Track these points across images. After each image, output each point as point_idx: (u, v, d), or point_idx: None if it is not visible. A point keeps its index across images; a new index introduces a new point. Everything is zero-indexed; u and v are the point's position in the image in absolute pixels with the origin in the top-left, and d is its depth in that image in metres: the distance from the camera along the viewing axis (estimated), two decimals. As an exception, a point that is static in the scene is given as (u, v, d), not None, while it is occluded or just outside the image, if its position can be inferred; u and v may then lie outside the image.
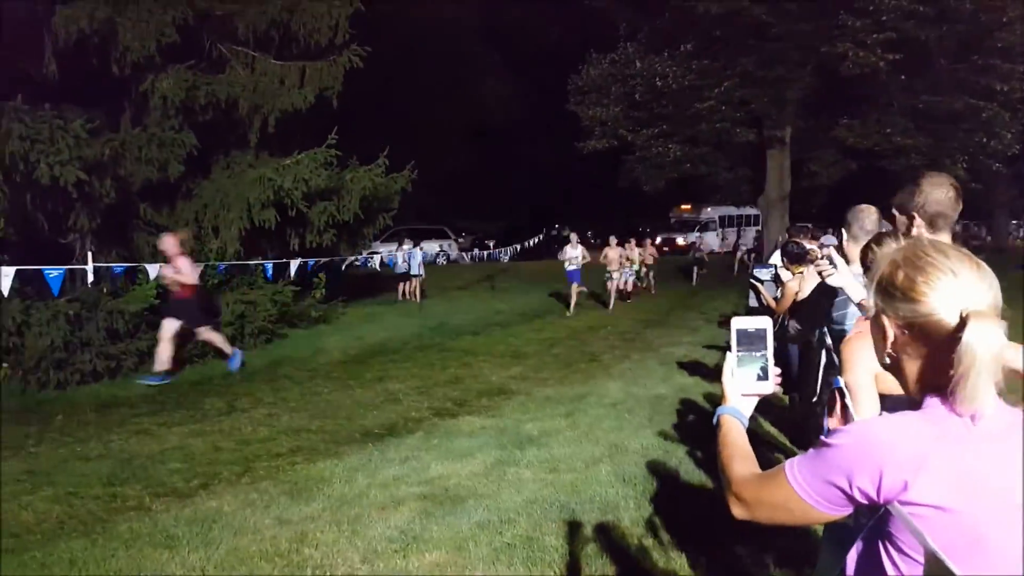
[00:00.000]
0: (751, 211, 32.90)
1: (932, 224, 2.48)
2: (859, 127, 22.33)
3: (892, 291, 1.19)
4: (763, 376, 1.45)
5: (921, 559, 1.10)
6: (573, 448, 5.58)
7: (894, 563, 1.14)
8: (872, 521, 1.18)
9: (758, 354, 1.45)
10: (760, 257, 22.83)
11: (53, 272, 8.09)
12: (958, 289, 1.13)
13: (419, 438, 5.98)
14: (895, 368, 1.23)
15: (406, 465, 5.25)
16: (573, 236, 15.51)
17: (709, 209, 35.54)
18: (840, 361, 2.52)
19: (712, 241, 33.89)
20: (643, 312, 15.20)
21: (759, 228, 28.87)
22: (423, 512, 4.34)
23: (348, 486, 4.82)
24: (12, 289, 7.76)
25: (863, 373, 2.33)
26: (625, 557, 3.72)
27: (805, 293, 5.07)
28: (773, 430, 5.99)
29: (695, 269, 23.14)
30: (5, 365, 7.88)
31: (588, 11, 26.48)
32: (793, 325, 5.69)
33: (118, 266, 9.03)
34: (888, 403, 1.95)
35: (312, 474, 5.07)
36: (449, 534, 4.01)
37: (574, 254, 14.75)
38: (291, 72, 11.40)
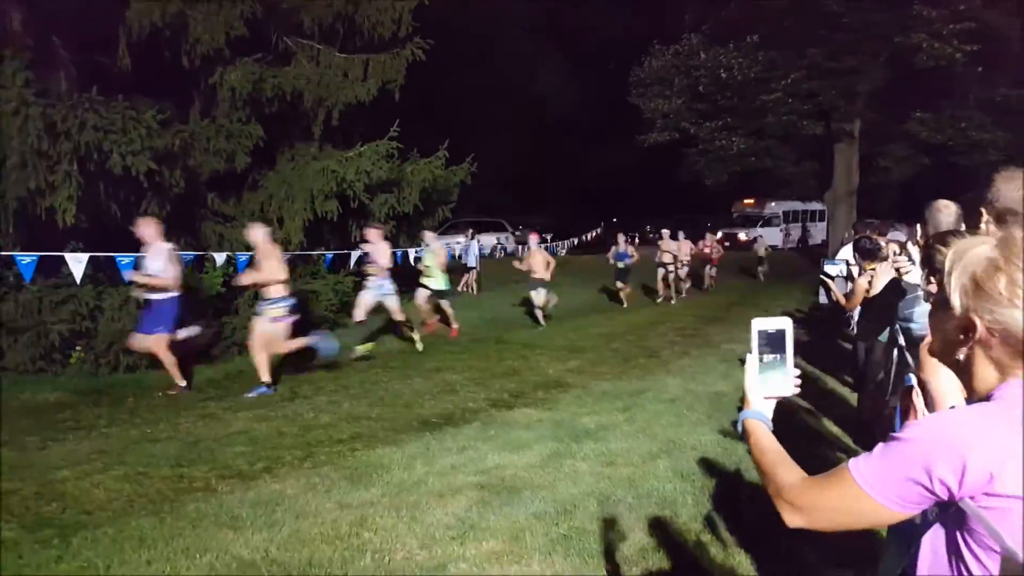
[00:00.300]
0: (817, 206, 31.94)
1: (1000, 220, 2.36)
2: (933, 121, 21.45)
3: (991, 293, 1.12)
4: (785, 378, 1.41)
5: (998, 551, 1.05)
6: (630, 443, 5.49)
7: (975, 556, 1.08)
8: (940, 516, 1.13)
9: (779, 356, 1.41)
10: (826, 253, 22.14)
11: (125, 259, 8.36)
12: None
13: (476, 428, 5.98)
14: (966, 367, 1.17)
15: (463, 454, 5.25)
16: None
17: (773, 204, 34.56)
18: (920, 362, 2.40)
19: (772, 237, 32.72)
20: (703, 308, 14.92)
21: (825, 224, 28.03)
22: (480, 501, 4.32)
23: (407, 473, 4.84)
24: (85, 275, 8.06)
25: (946, 376, 2.22)
26: (683, 553, 3.63)
27: (877, 290, 4.88)
28: (836, 429, 5.79)
29: (758, 268, 22.27)
30: (78, 349, 8.20)
31: (652, 2, 26.11)
32: (861, 323, 5.48)
33: (187, 254, 9.28)
34: None
35: (371, 460, 5.12)
36: (506, 523, 3.98)
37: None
38: (355, 65, 11.55)
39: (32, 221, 8.25)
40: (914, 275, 2.81)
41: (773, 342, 1.42)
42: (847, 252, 8.07)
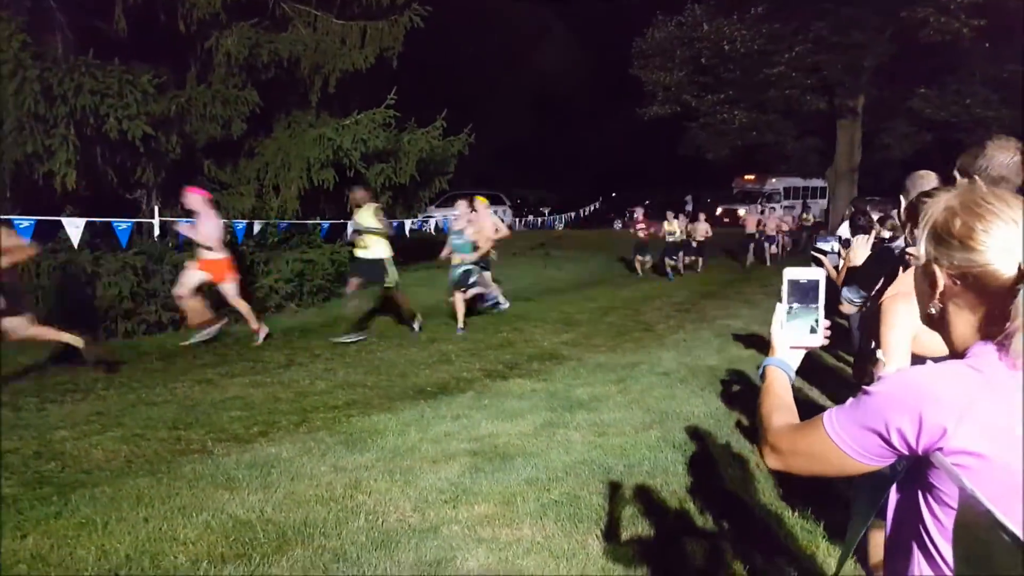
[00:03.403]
0: (818, 183, 31.83)
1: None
2: (937, 97, 21.31)
3: (948, 239, 1.13)
4: (814, 329, 1.41)
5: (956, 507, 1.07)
6: (623, 413, 5.54)
7: (934, 514, 1.11)
8: (908, 469, 1.15)
9: (810, 306, 1.41)
10: (826, 230, 22.04)
11: (122, 224, 8.37)
12: (1018, 239, 1.07)
13: (470, 397, 6.03)
14: (940, 320, 1.18)
15: (457, 422, 5.30)
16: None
17: (774, 180, 34.43)
18: (880, 319, 2.44)
19: (781, 216, 31.29)
20: (700, 284, 14.95)
21: (826, 201, 27.94)
22: (472, 467, 4.38)
23: (401, 439, 4.90)
24: (82, 241, 8.06)
25: (900, 332, 2.27)
26: (669, 520, 3.70)
27: (856, 261, 4.95)
28: (831, 403, 5.84)
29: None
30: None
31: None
32: (844, 294, 5.52)
33: (184, 220, 9.28)
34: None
35: (366, 426, 5.17)
36: (498, 488, 4.04)
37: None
38: (352, 31, 11.44)
39: (28, 185, 8.23)
40: (899, 243, 2.83)
41: (804, 292, 1.41)
42: (845, 229, 8.10)
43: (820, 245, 7.06)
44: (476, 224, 9.23)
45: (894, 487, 1.21)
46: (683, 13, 23.85)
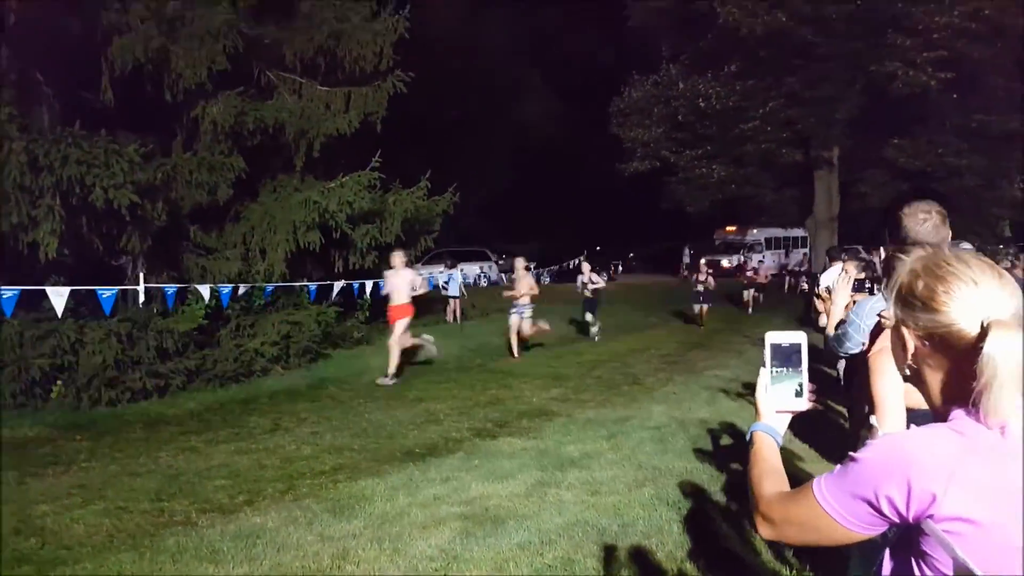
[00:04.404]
0: (798, 232, 32.32)
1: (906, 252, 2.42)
2: (910, 147, 21.89)
3: (912, 301, 1.16)
4: (799, 392, 1.41)
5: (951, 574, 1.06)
6: (615, 471, 5.49)
7: None
8: (900, 536, 1.15)
9: (793, 370, 1.42)
10: (810, 279, 22.21)
11: (106, 292, 8.33)
12: (979, 298, 1.11)
13: (460, 458, 5.96)
14: (916, 380, 1.21)
15: (447, 485, 5.23)
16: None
17: (755, 231, 34.93)
18: (868, 375, 2.46)
19: (770, 263, 31.68)
20: (687, 335, 14.99)
21: (806, 250, 28.32)
22: (463, 532, 4.30)
23: (389, 504, 4.81)
24: (67, 309, 8.00)
25: (889, 386, 2.28)
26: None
27: (840, 304, 5.06)
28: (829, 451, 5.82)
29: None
30: (59, 383, 8.11)
31: (630, 33, 26.59)
32: (831, 342, 5.59)
33: (169, 287, 9.26)
34: (915, 417, 1.90)
35: (354, 492, 5.08)
36: (489, 554, 3.96)
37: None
38: (336, 97, 11.66)
39: (13, 255, 8.21)
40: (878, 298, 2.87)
41: (786, 356, 1.42)
42: (829, 278, 8.18)
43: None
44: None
45: (887, 553, 1.20)
46: (659, 72, 24.54)
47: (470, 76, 32.15)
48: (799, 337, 1.42)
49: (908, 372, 1.21)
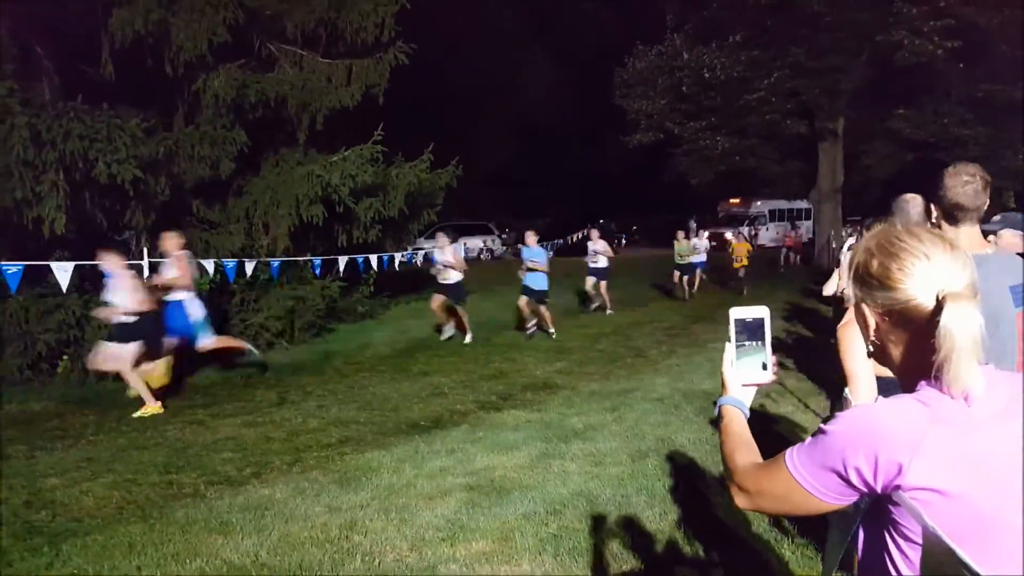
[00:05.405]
0: (802, 204, 32.15)
1: (949, 216, 2.43)
2: (915, 118, 21.66)
3: (868, 279, 1.19)
4: (764, 366, 1.43)
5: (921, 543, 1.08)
6: (619, 442, 5.54)
7: (900, 550, 1.12)
8: (871, 506, 1.16)
9: (758, 344, 1.43)
10: (812, 251, 22.21)
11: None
12: (933, 273, 1.13)
13: (464, 431, 6.01)
14: (881, 355, 1.23)
15: (452, 456, 5.28)
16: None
17: (759, 203, 34.78)
18: (838, 348, 2.47)
19: (774, 235, 32.99)
20: (689, 308, 15.00)
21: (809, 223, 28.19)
22: (469, 502, 4.36)
23: (396, 476, 4.87)
24: (71, 284, 8.02)
25: (860, 358, 2.29)
26: (671, 550, 3.68)
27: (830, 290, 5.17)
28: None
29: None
30: (65, 358, 8.17)
31: (634, 3, 26.21)
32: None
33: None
34: (887, 386, 1.91)
35: (360, 464, 5.14)
36: (495, 524, 4.02)
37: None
38: (338, 70, 11.55)
39: (17, 230, 8.21)
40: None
41: (750, 330, 1.44)
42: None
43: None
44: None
45: (861, 523, 1.22)
46: (663, 43, 24.22)
47: (472, 48, 31.82)
48: (762, 312, 1.44)
49: (872, 348, 1.24)
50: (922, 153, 22.20)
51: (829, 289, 5.91)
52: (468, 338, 10.76)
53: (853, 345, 2.30)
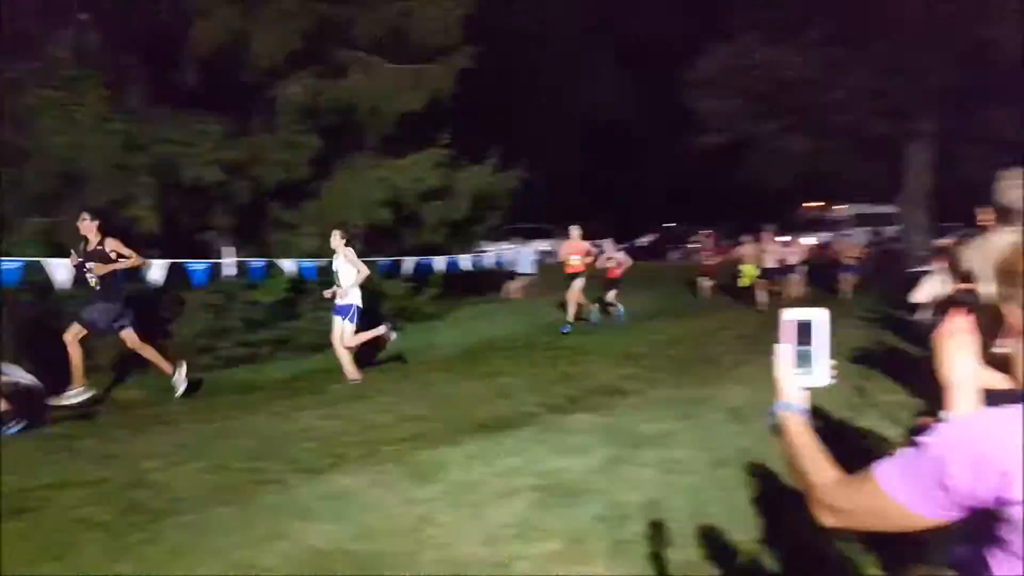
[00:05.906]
0: (887, 209, 30.68)
1: (1004, 219, 2.38)
2: (1013, 117, 20.56)
3: (1014, 278, 1.13)
4: (820, 369, 1.40)
5: None
6: (691, 451, 5.37)
7: (1003, 567, 1.07)
8: (974, 521, 1.10)
9: (815, 346, 1.39)
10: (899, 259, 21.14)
11: (200, 265, 8.74)
12: None
13: (532, 432, 6.01)
14: (1009, 360, 1.17)
15: (521, 456, 5.30)
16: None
17: (845, 206, 32.88)
18: (934, 356, 2.39)
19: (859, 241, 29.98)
20: (765, 314, 14.64)
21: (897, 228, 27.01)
22: (539, 503, 4.38)
23: (466, 472, 4.94)
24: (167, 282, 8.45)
25: (962, 368, 2.21)
26: (755, 566, 3.60)
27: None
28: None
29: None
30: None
31: (704, 1, 25.76)
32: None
33: (256, 260, 9.62)
34: (994, 398, 1.85)
35: (432, 459, 5.23)
36: (567, 526, 4.02)
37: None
38: (406, 75, 11.71)
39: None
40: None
41: (807, 333, 1.40)
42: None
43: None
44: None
45: (962, 539, 1.17)
46: (735, 41, 23.68)
47: (537, 51, 31.87)
48: (818, 313, 1.40)
49: (1007, 351, 1.17)
50: (1021, 154, 21.02)
51: (921, 296, 5.63)
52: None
53: (954, 354, 2.23)
